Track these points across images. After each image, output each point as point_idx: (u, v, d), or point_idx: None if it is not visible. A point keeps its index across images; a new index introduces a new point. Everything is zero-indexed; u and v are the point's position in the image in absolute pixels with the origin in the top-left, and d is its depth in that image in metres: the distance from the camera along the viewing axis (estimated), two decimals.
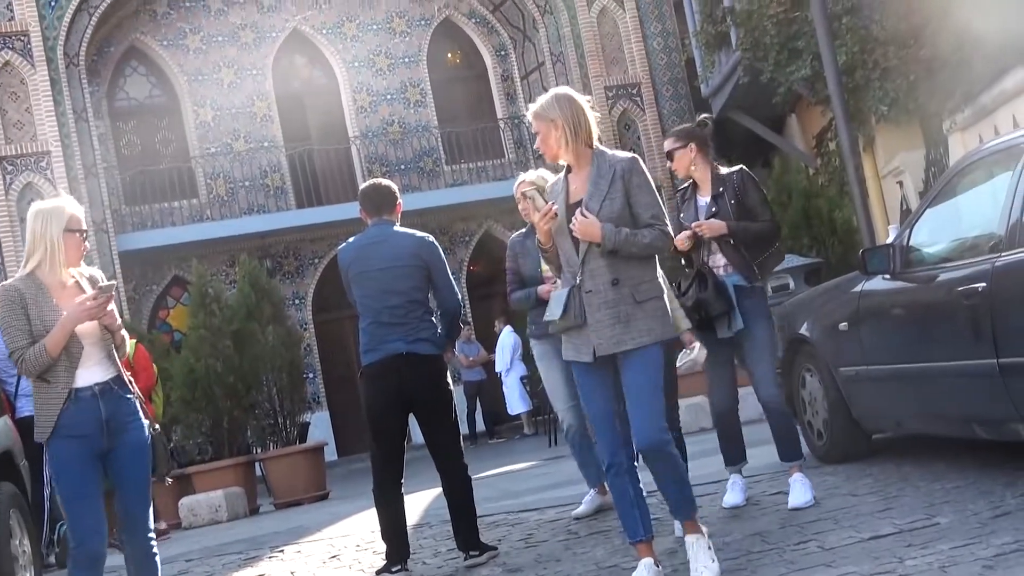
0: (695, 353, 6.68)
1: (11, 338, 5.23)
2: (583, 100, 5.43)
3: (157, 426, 5.52)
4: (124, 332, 5.45)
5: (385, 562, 6.76)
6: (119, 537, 5.39)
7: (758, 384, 6.91)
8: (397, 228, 6.97)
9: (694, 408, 13.04)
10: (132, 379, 5.48)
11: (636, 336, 5.20)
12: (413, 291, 6.78)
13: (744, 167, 7.17)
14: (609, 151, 5.44)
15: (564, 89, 5.47)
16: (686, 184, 7.17)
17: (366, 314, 6.84)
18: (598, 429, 5.43)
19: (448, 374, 6.96)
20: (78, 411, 5.23)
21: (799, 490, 6.67)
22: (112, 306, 5.32)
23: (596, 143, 5.43)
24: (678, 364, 6.54)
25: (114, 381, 5.34)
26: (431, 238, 6.98)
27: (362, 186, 7.28)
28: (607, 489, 7.54)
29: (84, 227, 5.45)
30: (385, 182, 7.18)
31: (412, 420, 6.90)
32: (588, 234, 5.22)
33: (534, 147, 23.47)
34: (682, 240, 6.82)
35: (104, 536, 5.27)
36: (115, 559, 5.89)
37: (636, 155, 5.48)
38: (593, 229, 5.20)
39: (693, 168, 7.02)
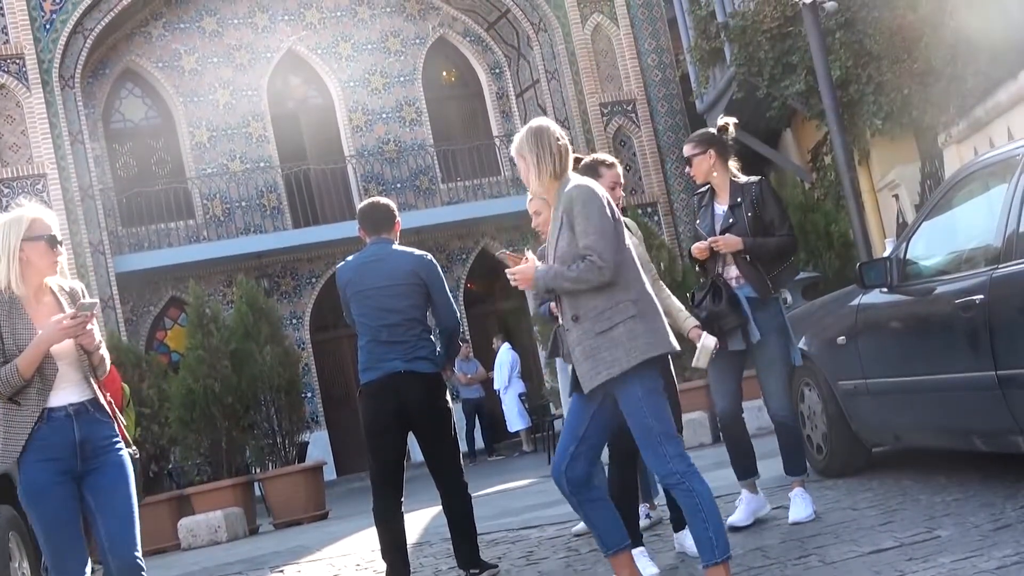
0: (703, 341, 6.50)
1: None
2: (553, 133, 5.20)
3: (135, 449, 5.13)
4: (104, 352, 5.06)
5: None
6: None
7: (769, 398, 6.87)
8: (396, 247, 6.97)
9: (693, 424, 13.03)
10: (111, 401, 5.08)
11: (602, 369, 4.95)
12: (411, 309, 6.78)
13: (764, 178, 7.07)
14: (570, 183, 5.15)
15: (536, 122, 5.27)
16: (704, 189, 7.04)
17: (364, 332, 6.84)
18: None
19: (447, 392, 6.95)
20: (51, 432, 4.85)
21: (800, 505, 6.66)
22: (92, 325, 4.93)
23: (569, 173, 5.20)
24: (693, 363, 6.45)
25: (90, 403, 4.95)
26: (429, 256, 6.98)
27: (360, 205, 7.28)
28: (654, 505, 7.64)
29: (52, 232, 4.97)
30: (384, 201, 7.18)
31: (412, 438, 6.89)
32: (525, 281, 5.09)
33: None
34: (699, 249, 6.80)
35: (85, 567, 4.90)
36: None
37: (584, 183, 5.13)
38: (527, 275, 5.07)
39: (713, 174, 6.94)
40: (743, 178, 7.01)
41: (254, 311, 13.92)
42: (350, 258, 7.04)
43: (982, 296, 5.88)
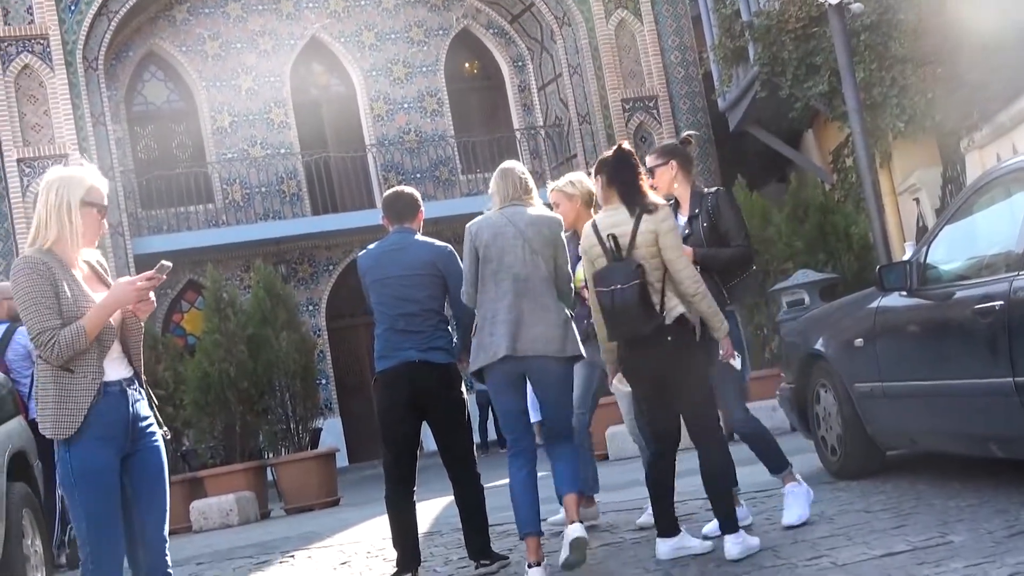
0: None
1: (41, 316, 4.51)
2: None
3: (166, 430, 4.90)
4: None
5: (396, 569, 6.76)
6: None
7: (724, 410, 6.81)
8: (418, 237, 6.97)
9: (621, 435, 13.05)
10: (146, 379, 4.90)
11: None
12: (429, 300, 6.78)
13: (722, 188, 7.02)
14: None
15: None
16: (669, 202, 7.02)
17: (381, 320, 6.84)
18: None
19: (462, 383, 6.95)
20: (107, 408, 4.57)
21: (792, 505, 6.57)
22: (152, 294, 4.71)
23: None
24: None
25: (135, 379, 4.75)
26: (450, 248, 6.96)
27: (386, 193, 7.27)
28: (594, 500, 7.75)
29: (105, 202, 4.77)
30: (408, 190, 7.18)
31: (426, 428, 6.89)
32: None
33: (549, 159, 23.48)
34: None
35: (124, 555, 4.70)
36: None
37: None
38: None
39: (675, 186, 6.87)
40: (706, 189, 7.00)
41: (271, 297, 13.95)
42: (372, 246, 7.04)
43: (1002, 302, 5.87)
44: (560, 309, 6.41)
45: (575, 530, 6.19)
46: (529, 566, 6.18)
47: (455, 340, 6.92)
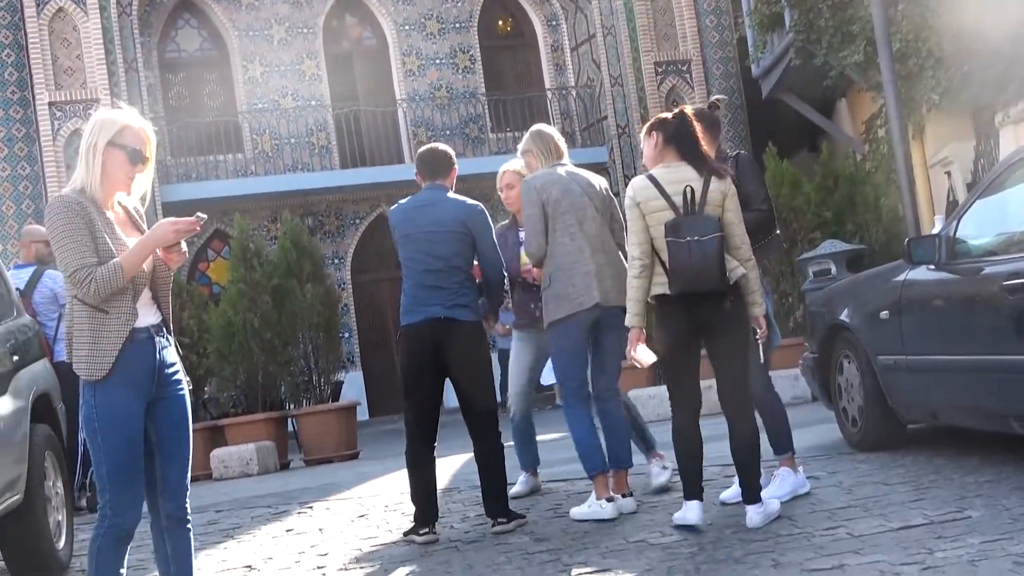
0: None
1: (78, 253, 4.47)
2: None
3: (188, 379, 4.87)
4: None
5: (413, 524, 6.80)
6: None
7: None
8: (450, 194, 7.00)
9: (659, 397, 13.07)
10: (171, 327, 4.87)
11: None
12: (454, 257, 6.81)
13: (743, 151, 6.98)
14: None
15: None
16: None
17: (409, 275, 6.89)
18: None
19: (487, 341, 6.99)
20: (135, 354, 4.55)
21: (775, 484, 6.58)
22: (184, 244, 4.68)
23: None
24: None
25: (163, 326, 4.74)
26: (480, 207, 6.98)
27: (420, 149, 7.29)
28: (537, 473, 7.95)
29: (138, 146, 4.64)
30: (443, 147, 7.21)
31: (448, 385, 6.92)
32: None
33: (580, 120, 23.38)
34: None
35: (143, 501, 4.70)
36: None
37: (524, 183, 6.99)
38: None
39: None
40: (729, 153, 6.97)
41: (297, 248, 13.97)
42: (403, 201, 7.07)
43: None
44: (622, 264, 6.64)
45: (630, 504, 6.76)
46: (608, 499, 6.64)
47: (481, 299, 6.95)
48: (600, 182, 7.06)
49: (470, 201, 6.99)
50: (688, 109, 6.42)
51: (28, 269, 9.81)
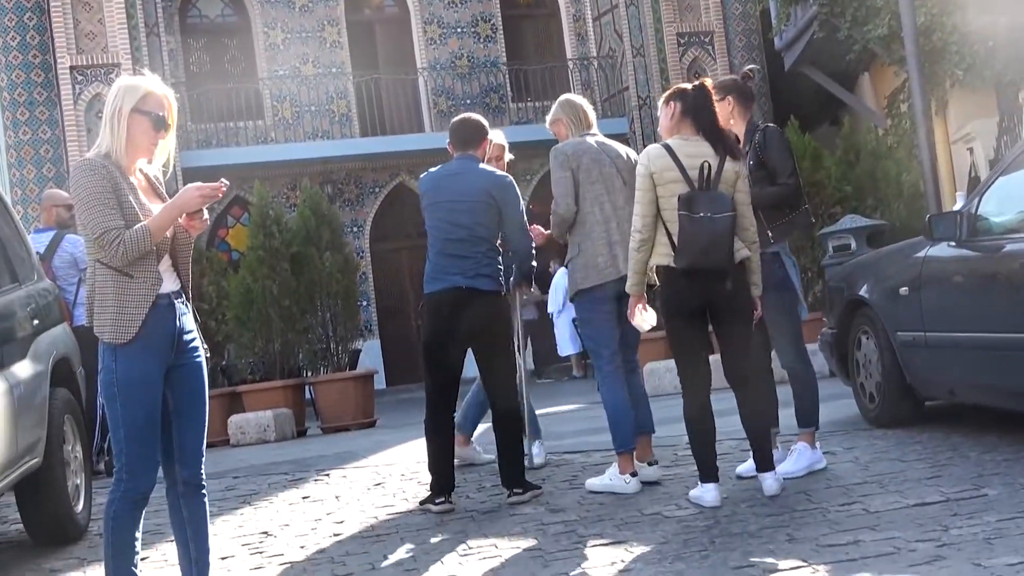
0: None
1: (105, 216, 4.48)
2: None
3: (206, 346, 4.89)
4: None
5: (430, 493, 6.83)
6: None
7: (777, 352, 6.79)
8: (480, 165, 7.01)
9: (659, 372, 13.08)
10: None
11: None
12: (478, 227, 6.80)
13: (771, 124, 6.90)
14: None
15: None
16: None
17: (433, 244, 6.90)
18: None
19: (509, 311, 7.02)
20: (155, 320, 4.56)
21: (793, 457, 6.61)
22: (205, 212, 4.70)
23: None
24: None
25: (182, 292, 4.76)
26: (509, 178, 7.00)
27: (454, 119, 7.31)
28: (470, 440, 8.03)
29: (162, 113, 4.66)
30: (476, 117, 7.21)
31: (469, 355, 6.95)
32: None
33: (601, 90, 23.31)
34: None
35: (158, 470, 4.71)
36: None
37: (554, 149, 7.01)
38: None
39: (731, 122, 6.75)
40: (761, 124, 6.91)
41: (316, 216, 13.98)
42: (434, 169, 7.09)
43: None
44: None
45: (654, 473, 6.84)
46: (632, 474, 6.66)
47: (502, 269, 6.98)
48: (629, 153, 7.08)
49: (499, 172, 7.01)
50: (708, 81, 6.38)
51: (48, 233, 9.84)
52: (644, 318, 6.21)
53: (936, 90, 16.06)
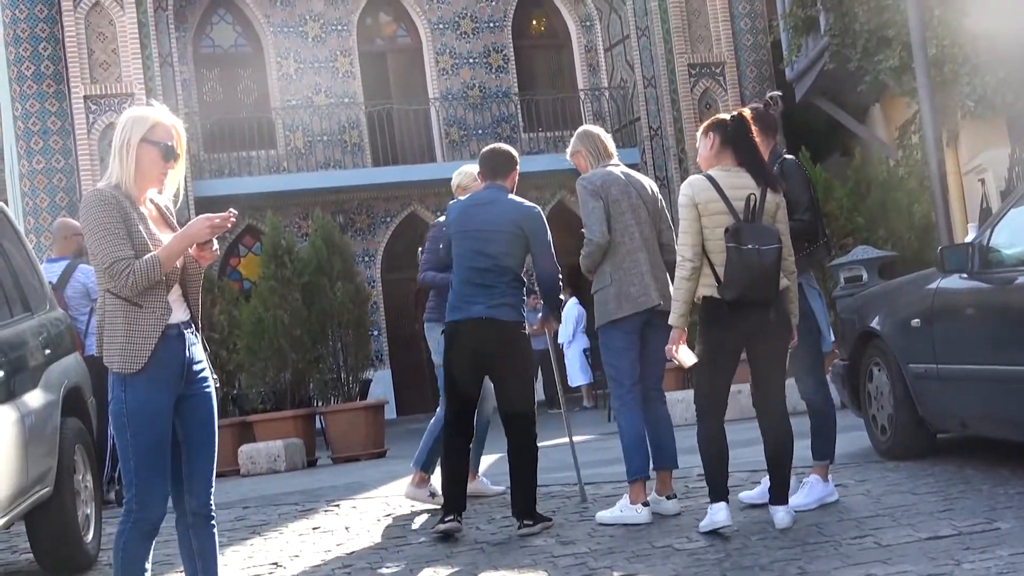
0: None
1: (114, 246, 4.50)
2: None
3: (215, 376, 4.90)
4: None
5: (442, 513, 6.90)
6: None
7: (796, 381, 6.80)
8: (509, 196, 7.05)
9: (686, 402, 13.00)
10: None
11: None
12: (504, 257, 6.86)
13: (789, 157, 6.88)
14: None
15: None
16: None
17: (457, 272, 6.96)
18: None
19: (528, 341, 7.07)
20: (166, 350, 4.57)
21: (804, 490, 6.62)
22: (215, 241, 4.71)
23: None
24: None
25: (191, 322, 4.77)
26: (537, 209, 7.05)
27: (484, 149, 7.37)
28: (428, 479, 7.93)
29: (171, 143, 4.69)
30: (506, 147, 7.28)
31: None
32: None
33: (612, 121, 23.35)
34: None
35: (168, 500, 4.72)
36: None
37: (580, 179, 7.01)
38: None
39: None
40: (785, 154, 6.92)
41: (328, 246, 13.99)
42: (463, 198, 7.24)
43: None
44: (665, 267, 6.87)
45: (673, 507, 6.81)
46: (644, 504, 6.68)
47: (525, 300, 7.09)
48: (651, 184, 7.13)
49: (527, 203, 7.04)
50: (746, 111, 6.40)
51: (61, 263, 9.86)
52: (686, 354, 6.21)
53: (947, 121, 16.06)
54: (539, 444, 6.95)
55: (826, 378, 6.93)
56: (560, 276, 7.06)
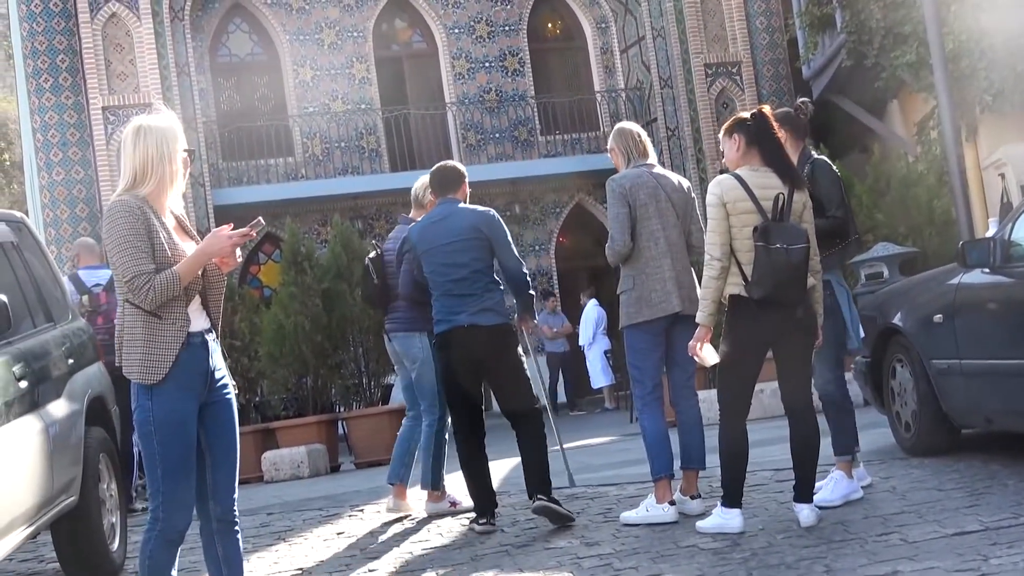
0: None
1: (136, 260, 4.52)
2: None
3: (234, 383, 4.90)
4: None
5: (475, 515, 7.18)
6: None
7: (815, 375, 6.80)
8: (461, 205, 7.32)
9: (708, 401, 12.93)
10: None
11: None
12: (475, 262, 7.12)
13: (820, 157, 6.95)
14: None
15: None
16: None
17: (436, 287, 7.20)
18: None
19: (516, 341, 7.24)
20: (190, 358, 4.61)
21: (830, 487, 6.62)
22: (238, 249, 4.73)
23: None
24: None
25: (212, 331, 4.80)
26: (492, 212, 7.27)
27: (431, 169, 7.62)
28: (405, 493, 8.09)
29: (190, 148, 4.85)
30: (451, 163, 7.60)
31: None
32: None
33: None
34: None
35: (193, 508, 4.74)
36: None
37: (609, 180, 6.97)
38: None
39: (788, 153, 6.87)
40: (815, 155, 6.97)
41: (348, 252, 14.01)
42: (418, 220, 7.48)
43: None
44: (692, 271, 6.91)
45: (697, 507, 6.79)
46: (670, 503, 6.67)
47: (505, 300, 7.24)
48: (683, 183, 7.11)
49: (481, 208, 7.29)
50: (766, 108, 6.40)
51: (105, 269, 9.94)
52: (709, 353, 6.21)
53: (966, 116, 16.01)
54: (568, 445, 7.00)
55: (844, 374, 6.93)
56: (526, 271, 7.26)
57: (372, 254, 8.28)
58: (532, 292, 7.39)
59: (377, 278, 8.05)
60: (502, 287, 7.24)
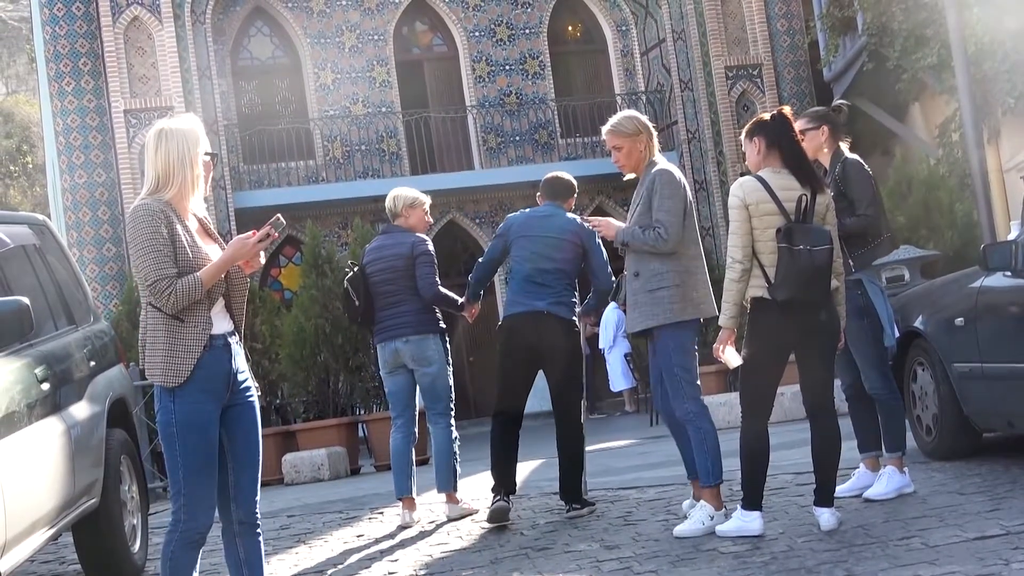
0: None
1: (158, 263, 4.53)
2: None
3: (257, 385, 4.94)
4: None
5: (493, 494, 7.37)
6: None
7: (863, 378, 6.87)
8: (568, 214, 7.64)
9: (729, 404, 12.94)
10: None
11: (640, 320, 6.59)
12: (565, 262, 7.46)
13: (851, 156, 6.96)
14: (656, 165, 6.70)
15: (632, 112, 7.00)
16: None
17: (519, 272, 7.50)
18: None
19: (580, 339, 7.58)
20: (212, 361, 4.62)
21: (883, 482, 6.70)
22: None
23: (654, 157, 6.79)
24: None
25: (235, 333, 4.81)
26: (591, 227, 7.34)
27: (547, 175, 7.93)
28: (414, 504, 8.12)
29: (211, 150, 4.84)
30: (568, 176, 7.86)
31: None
32: (606, 231, 6.82)
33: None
34: None
35: (215, 510, 4.75)
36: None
37: (666, 168, 6.67)
38: (609, 228, 6.77)
39: (824, 151, 6.95)
40: (847, 154, 6.97)
41: None
42: (524, 210, 7.80)
43: None
44: None
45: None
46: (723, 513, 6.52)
47: (589, 302, 7.68)
48: None
49: (580, 219, 7.54)
50: (786, 109, 6.38)
51: None
52: (732, 355, 6.17)
53: (988, 118, 15.96)
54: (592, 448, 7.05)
55: (890, 372, 6.95)
56: (614, 281, 7.46)
57: (350, 275, 8.34)
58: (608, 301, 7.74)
59: (359, 299, 8.15)
60: (575, 296, 7.55)
